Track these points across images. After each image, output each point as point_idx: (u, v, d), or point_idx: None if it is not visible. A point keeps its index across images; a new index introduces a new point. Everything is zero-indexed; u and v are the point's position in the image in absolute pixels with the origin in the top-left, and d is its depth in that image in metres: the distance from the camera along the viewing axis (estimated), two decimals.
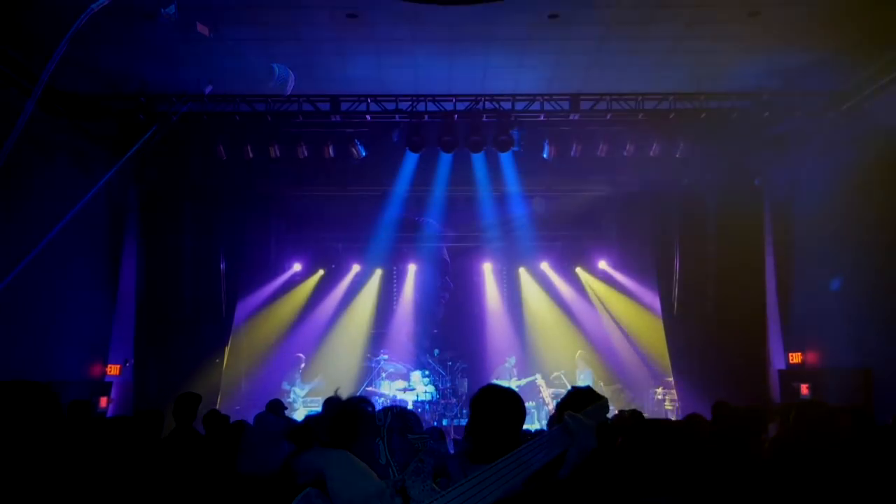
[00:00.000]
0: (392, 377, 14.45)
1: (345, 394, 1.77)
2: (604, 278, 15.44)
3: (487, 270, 16.37)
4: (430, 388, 14.05)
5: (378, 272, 16.23)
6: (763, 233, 12.24)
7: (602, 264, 15.45)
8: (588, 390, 2.91)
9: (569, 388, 13.84)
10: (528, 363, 14.81)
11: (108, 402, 10.91)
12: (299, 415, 12.48)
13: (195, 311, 12.26)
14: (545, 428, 6.71)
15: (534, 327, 15.78)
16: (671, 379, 12.96)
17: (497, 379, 14.07)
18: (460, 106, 11.11)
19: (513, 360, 14.38)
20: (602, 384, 14.04)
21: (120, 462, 3.10)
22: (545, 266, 16.04)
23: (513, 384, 13.85)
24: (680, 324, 12.54)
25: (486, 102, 11.07)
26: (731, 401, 6.95)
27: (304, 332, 15.00)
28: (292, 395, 13.60)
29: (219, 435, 5.99)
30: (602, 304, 15.30)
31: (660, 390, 13.42)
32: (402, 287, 16.55)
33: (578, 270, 15.83)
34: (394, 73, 10.39)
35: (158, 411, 5.42)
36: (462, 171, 12.52)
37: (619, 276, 15.14)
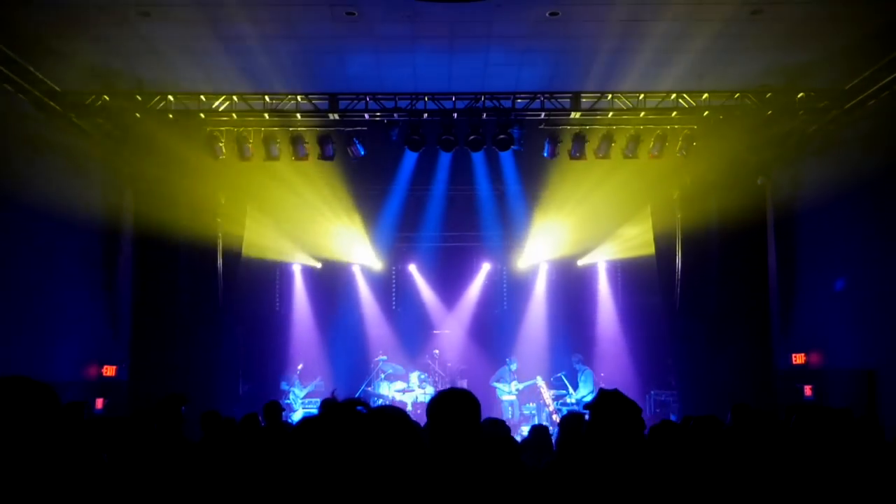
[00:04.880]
0: (391, 378, 14.33)
1: (341, 395, 1.68)
2: (604, 278, 15.34)
3: (486, 270, 16.26)
4: (430, 390, 13.94)
5: (377, 272, 16.12)
6: (766, 232, 12.15)
7: (602, 264, 15.36)
8: (616, 393, 2.90)
9: (571, 389, 13.74)
10: (528, 364, 14.70)
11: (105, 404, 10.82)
12: (297, 416, 12.38)
13: (192, 312, 12.13)
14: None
15: (534, 328, 15.67)
16: (672, 380, 12.87)
17: (497, 380, 13.98)
18: (460, 104, 11.01)
19: (512, 361, 14.27)
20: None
21: (106, 464, 3.02)
22: (544, 266, 15.93)
23: (513, 386, 13.76)
24: (682, 324, 12.43)
25: (486, 101, 10.97)
26: (733, 402, 6.83)
27: (303, 333, 14.89)
28: (291, 397, 13.51)
29: (216, 437, 5.89)
30: (603, 304, 15.19)
31: (661, 391, 13.32)
32: (401, 287, 16.44)
33: (578, 270, 15.73)
34: (393, 70, 10.31)
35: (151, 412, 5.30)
36: (462, 170, 12.45)
37: (619, 276, 15.01)
